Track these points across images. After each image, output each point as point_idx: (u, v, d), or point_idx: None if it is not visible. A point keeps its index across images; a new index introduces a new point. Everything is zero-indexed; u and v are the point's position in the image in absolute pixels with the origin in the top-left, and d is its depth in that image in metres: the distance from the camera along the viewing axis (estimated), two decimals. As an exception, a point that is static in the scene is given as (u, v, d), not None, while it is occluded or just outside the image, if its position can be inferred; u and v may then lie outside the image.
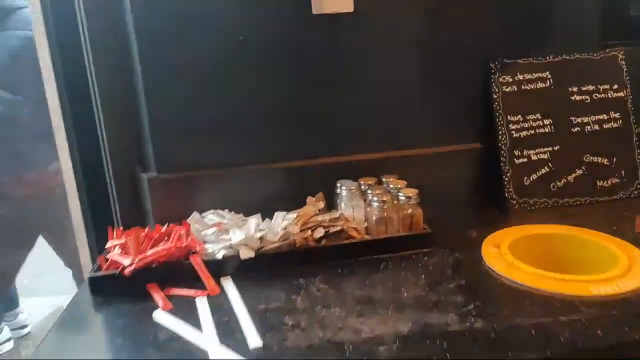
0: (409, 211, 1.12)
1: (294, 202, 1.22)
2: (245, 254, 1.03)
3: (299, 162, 1.30)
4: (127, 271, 0.99)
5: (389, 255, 1.09)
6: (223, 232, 1.11)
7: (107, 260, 1.05)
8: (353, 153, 1.32)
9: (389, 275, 1.01)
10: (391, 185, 1.19)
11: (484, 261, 1.04)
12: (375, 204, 1.11)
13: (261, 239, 1.08)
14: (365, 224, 1.14)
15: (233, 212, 1.23)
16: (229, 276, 1.03)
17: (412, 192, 1.13)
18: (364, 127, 1.32)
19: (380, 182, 1.25)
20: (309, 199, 1.24)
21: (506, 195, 1.31)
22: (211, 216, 1.18)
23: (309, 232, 1.10)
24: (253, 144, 1.28)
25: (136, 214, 1.26)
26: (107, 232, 1.13)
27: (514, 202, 1.31)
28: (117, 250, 1.06)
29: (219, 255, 1.03)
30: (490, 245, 1.08)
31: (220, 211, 1.21)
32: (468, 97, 1.36)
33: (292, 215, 1.15)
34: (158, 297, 0.96)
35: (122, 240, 1.06)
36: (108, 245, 1.09)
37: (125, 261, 1.01)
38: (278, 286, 0.99)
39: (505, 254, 1.03)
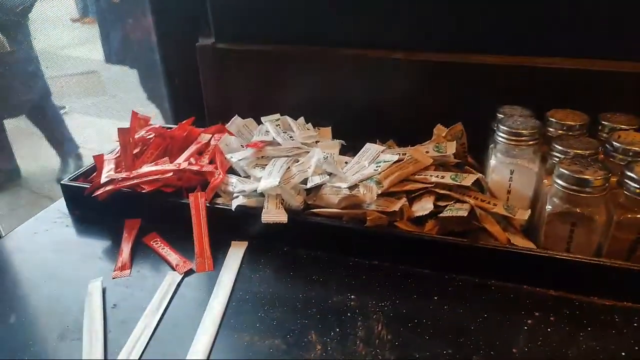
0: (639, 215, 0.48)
1: (412, 129, 0.67)
2: (271, 214, 0.56)
3: (440, 55, 0.71)
4: (99, 193, 0.63)
5: (559, 294, 0.51)
6: (261, 161, 0.65)
7: (104, 162, 0.70)
8: (552, 53, 0.66)
9: (544, 349, 0.45)
10: (616, 143, 0.54)
11: None
12: (560, 181, 0.50)
13: (314, 191, 0.60)
14: (528, 212, 0.55)
15: (309, 125, 0.75)
16: (245, 243, 0.60)
17: (667, 174, 0.47)
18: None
19: (593, 130, 0.59)
20: (439, 129, 0.67)
21: None
22: (269, 125, 0.71)
23: (404, 200, 0.56)
24: (365, 15, 0.73)
25: (193, 98, 0.87)
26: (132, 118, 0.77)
27: None
28: (116, 152, 0.70)
29: (234, 205, 0.59)
30: None
31: (289, 119, 0.74)
32: None
33: (391, 157, 0.61)
34: (125, 247, 0.59)
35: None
36: (117, 138, 0.74)
37: (104, 175, 0.64)
38: (310, 295, 0.52)
39: None
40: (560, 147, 0.53)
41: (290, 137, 0.69)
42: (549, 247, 0.52)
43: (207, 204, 0.60)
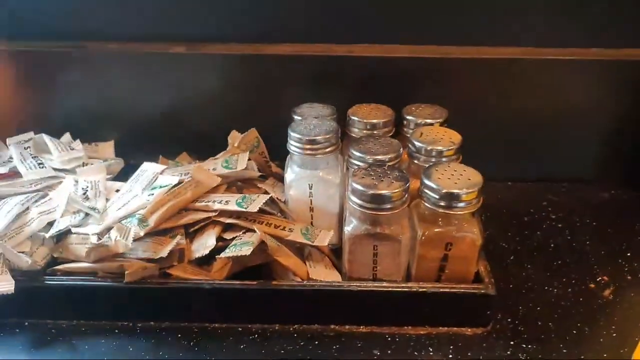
0: (449, 228, 0.41)
1: (215, 136, 0.55)
2: (-14, 285, 0.40)
3: (230, 47, 0.59)
4: None
5: (370, 329, 0.42)
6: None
7: None
8: (357, 40, 0.58)
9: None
10: (418, 142, 0.46)
11: None
12: (354, 197, 0.41)
13: (63, 240, 0.44)
14: (330, 234, 0.46)
15: (77, 143, 0.58)
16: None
17: (470, 177, 0.41)
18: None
19: (400, 126, 0.52)
20: (233, 137, 0.56)
21: None
22: (13, 150, 0.53)
23: (178, 239, 0.44)
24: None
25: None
26: None
27: None
28: None
29: None
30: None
31: (46, 138, 0.56)
32: None
33: (171, 180, 0.48)
34: None
35: None
36: None
37: None
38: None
39: None
40: (357, 153, 0.45)
41: (40, 163, 0.52)
42: (354, 274, 0.43)
43: None
